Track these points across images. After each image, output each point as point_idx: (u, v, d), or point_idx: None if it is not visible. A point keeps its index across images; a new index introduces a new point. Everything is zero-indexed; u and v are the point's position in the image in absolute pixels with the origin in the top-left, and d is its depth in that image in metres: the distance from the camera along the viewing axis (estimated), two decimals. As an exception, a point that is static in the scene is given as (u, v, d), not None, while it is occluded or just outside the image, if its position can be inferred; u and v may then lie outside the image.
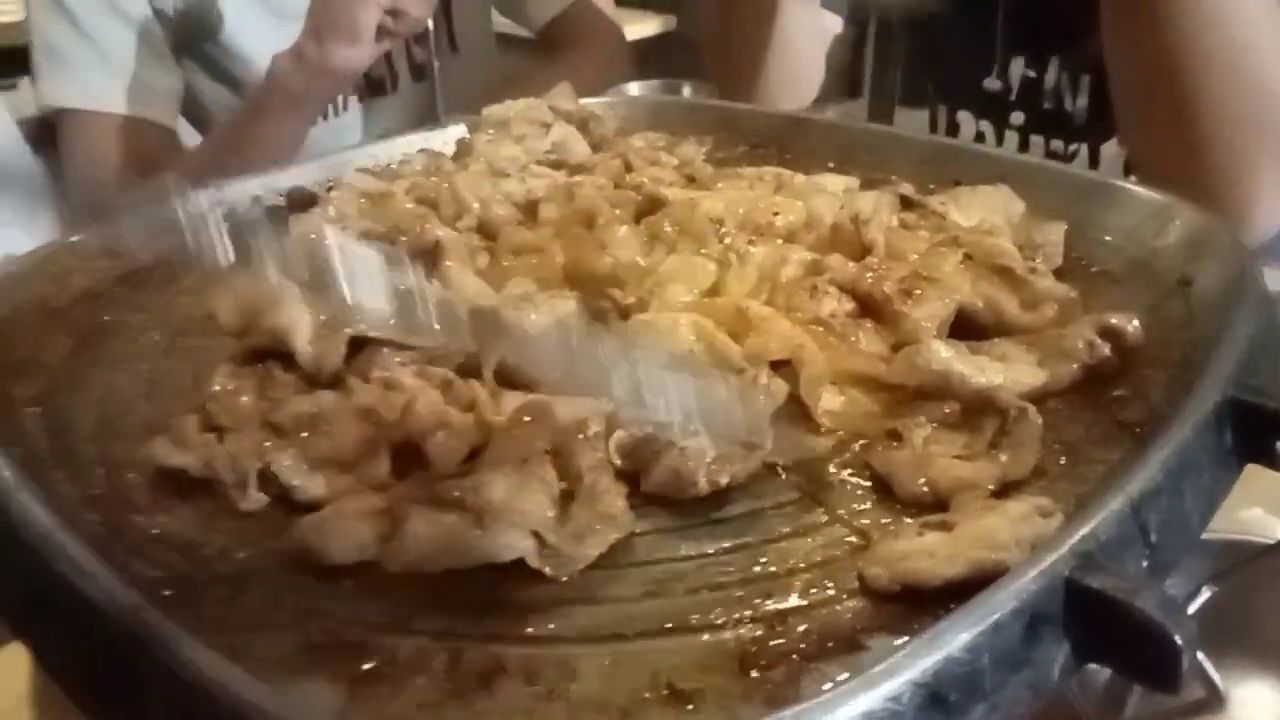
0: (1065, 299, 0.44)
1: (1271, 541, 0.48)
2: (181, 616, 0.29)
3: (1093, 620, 0.27)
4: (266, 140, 0.96)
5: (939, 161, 0.61)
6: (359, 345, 0.39)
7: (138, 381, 0.44)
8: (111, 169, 1.05)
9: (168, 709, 0.25)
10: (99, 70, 1.04)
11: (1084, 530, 0.29)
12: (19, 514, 0.31)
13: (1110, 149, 0.90)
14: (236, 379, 0.38)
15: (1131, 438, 0.37)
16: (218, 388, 0.38)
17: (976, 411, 0.38)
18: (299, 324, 0.38)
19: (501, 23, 1.30)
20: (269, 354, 0.40)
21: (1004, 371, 0.40)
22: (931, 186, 0.58)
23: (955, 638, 0.25)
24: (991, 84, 0.97)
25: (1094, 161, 0.92)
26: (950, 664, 0.25)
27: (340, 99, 1.13)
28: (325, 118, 1.12)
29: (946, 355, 0.39)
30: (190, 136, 1.16)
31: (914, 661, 0.25)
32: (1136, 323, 0.41)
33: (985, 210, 0.53)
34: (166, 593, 0.30)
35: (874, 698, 0.24)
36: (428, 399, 0.35)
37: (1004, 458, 0.36)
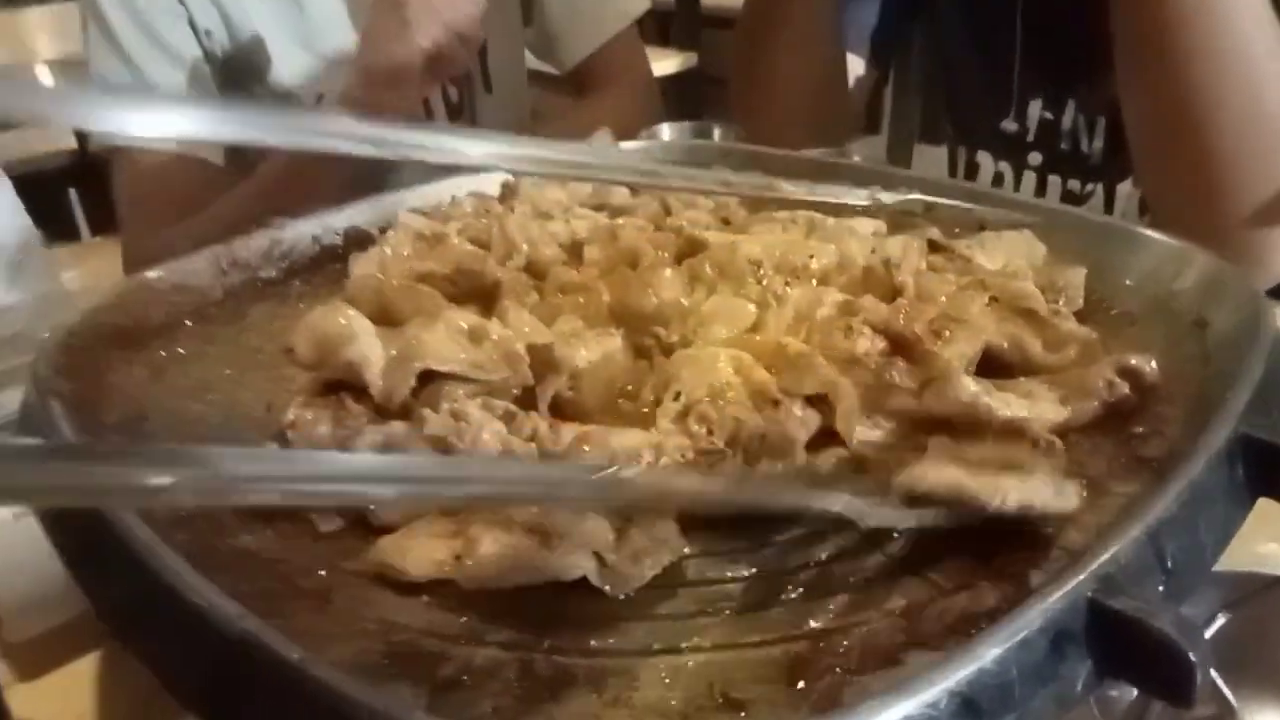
0: (1086, 340, 0.46)
1: (1285, 574, 0.50)
2: (273, 626, 0.32)
3: (1114, 639, 0.29)
4: (310, 178, 1.00)
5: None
6: (426, 378, 0.42)
7: (214, 410, 0.47)
8: (161, 204, 1.09)
9: (272, 707, 0.28)
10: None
11: (1105, 555, 0.31)
12: (123, 530, 0.34)
13: (1125, 189, 0.93)
14: (311, 409, 0.41)
15: (1150, 472, 0.39)
16: (293, 417, 0.41)
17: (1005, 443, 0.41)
18: (371, 358, 0.41)
19: (533, 59, 1.35)
20: (340, 386, 0.43)
21: (1028, 407, 0.42)
22: (957, 230, 0.61)
23: (987, 651, 0.28)
24: (1009, 125, 0.99)
25: (1109, 201, 0.95)
26: (983, 675, 0.27)
27: None
28: None
29: (975, 389, 0.42)
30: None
31: (950, 672, 0.27)
32: (1154, 363, 0.43)
33: (1009, 254, 0.56)
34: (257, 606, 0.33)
35: (914, 704, 0.26)
36: (492, 429, 0.38)
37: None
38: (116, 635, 0.33)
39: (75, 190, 2.69)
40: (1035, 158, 0.99)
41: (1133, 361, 0.43)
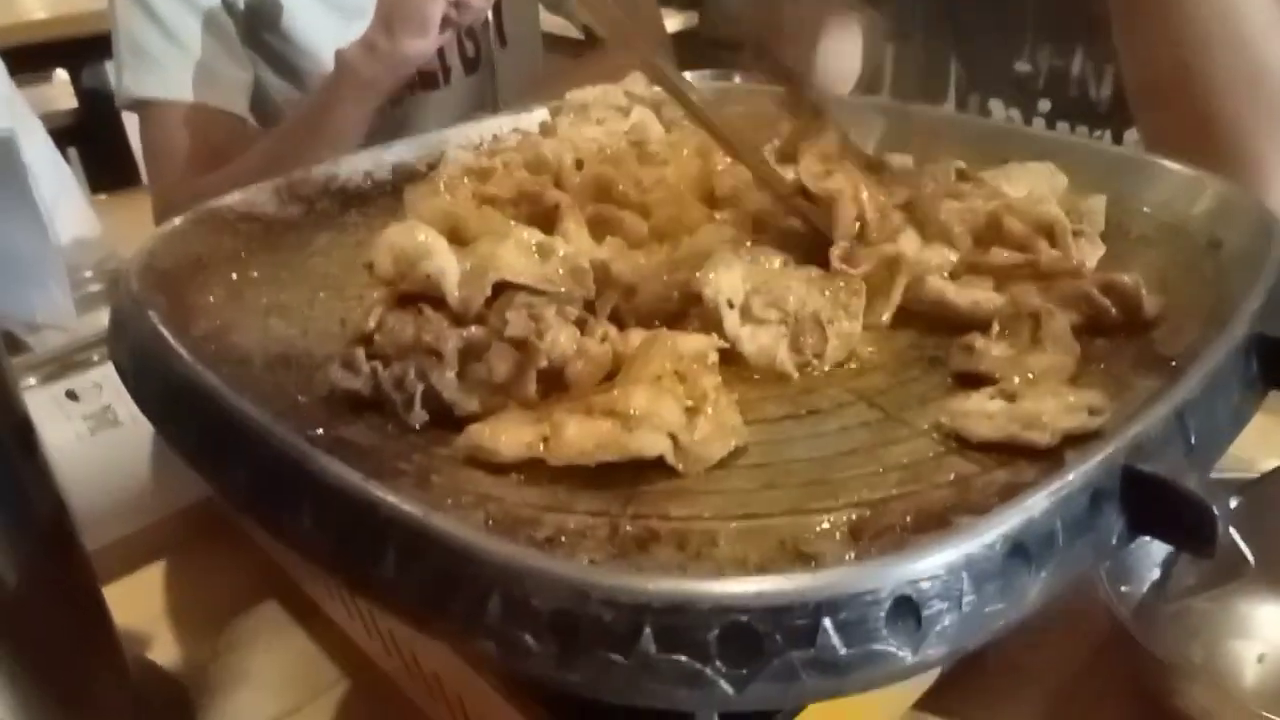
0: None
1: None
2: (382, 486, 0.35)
3: (1145, 498, 0.33)
4: (335, 127, 1.03)
5: (987, 141, 0.66)
6: (497, 290, 0.45)
7: (293, 325, 0.50)
8: (188, 155, 1.11)
9: (400, 558, 0.31)
10: (177, 62, 1.10)
11: (1137, 428, 0.34)
12: (243, 416, 0.37)
13: (1132, 135, 0.96)
14: (394, 316, 0.44)
15: (1170, 369, 0.42)
16: (377, 322, 0.44)
17: (1011, 318, 0.45)
18: (448, 271, 0.44)
19: (547, 22, 1.36)
20: (415, 299, 0.46)
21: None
22: (981, 163, 0.64)
23: (1038, 504, 0.31)
24: (1022, 66, 1.02)
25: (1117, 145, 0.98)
26: (1031, 524, 0.31)
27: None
28: (382, 110, 1.19)
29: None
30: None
31: (1004, 520, 0.31)
32: (1139, 281, 0.46)
33: (1032, 183, 0.59)
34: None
35: (974, 544, 0.30)
36: (568, 333, 0.41)
37: (1049, 347, 0.43)
38: (243, 512, 0.36)
39: (75, 149, 2.70)
40: (1044, 104, 1.01)
41: (1117, 278, 0.46)
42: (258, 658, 0.56)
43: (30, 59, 2.42)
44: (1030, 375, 0.42)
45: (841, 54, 1.06)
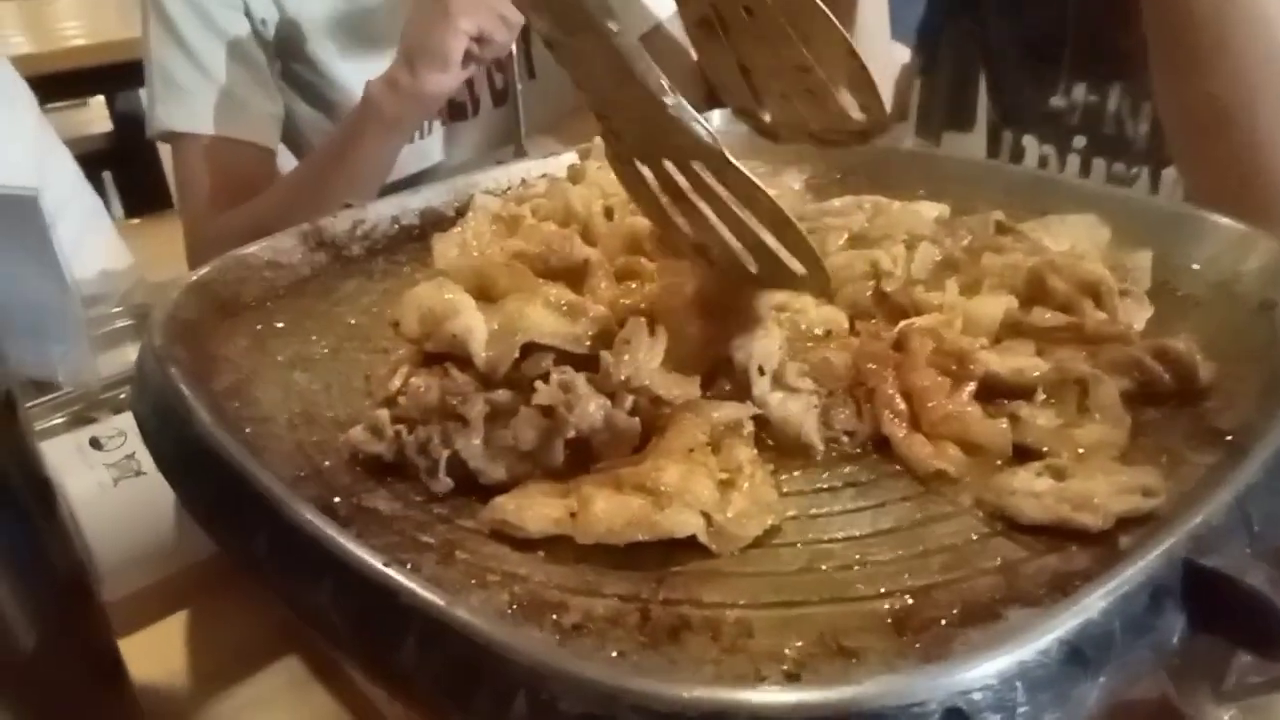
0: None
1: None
2: (405, 571, 0.34)
3: (1207, 594, 0.31)
4: (360, 162, 1.03)
5: (1027, 191, 0.65)
6: (525, 351, 0.44)
7: (317, 380, 0.49)
8: (215, 188, 1.11)
9: (419, 648, 0.30)
10: (206, 94, 1.11)
11: (1198, 518, 0.33)
12: (260, 485, 0.36)
13: (1170, 174, 0.94)
14: (419, 378, 0.43)
15: (1225, 445, 0.40)
16: (401, 384, 0.43)
17: (1057, 385, 0.43)
18: (476, 331, 0.43)
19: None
20: (440, 358, 0.45)
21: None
22: (1019, 214, 0.62)
23: (1095, 604, 0.29)
24: (1058, 102, 1.00)
25: (1155, 185, 0.96)
26: (1089, 625, 0.29)
27: (425, 123, 1.19)
28: (412, 140, 1.19)
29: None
30: (288, 161, 1.23)
31: (1060, 623, 0.29)
32: (1194, 346, 0.44)
33: (1074, 237, 0.57)
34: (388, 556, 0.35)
35: (1028, 650, 0.28)
36: (598, 402, 0.40)
37: (1098, 416, 0.41)
38: (259, 584, 0.35)
39: (110, 173, 2.73)
40: (1079, 141, 1.00)
41: (1170, 343, 0.44)
42: (278, 715, 0.55)
43: (67, 84, 2.45)
44: (1080, 450, 0.40)
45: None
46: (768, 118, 0.50)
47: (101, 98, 2.68)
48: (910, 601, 0.33)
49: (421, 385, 0.42)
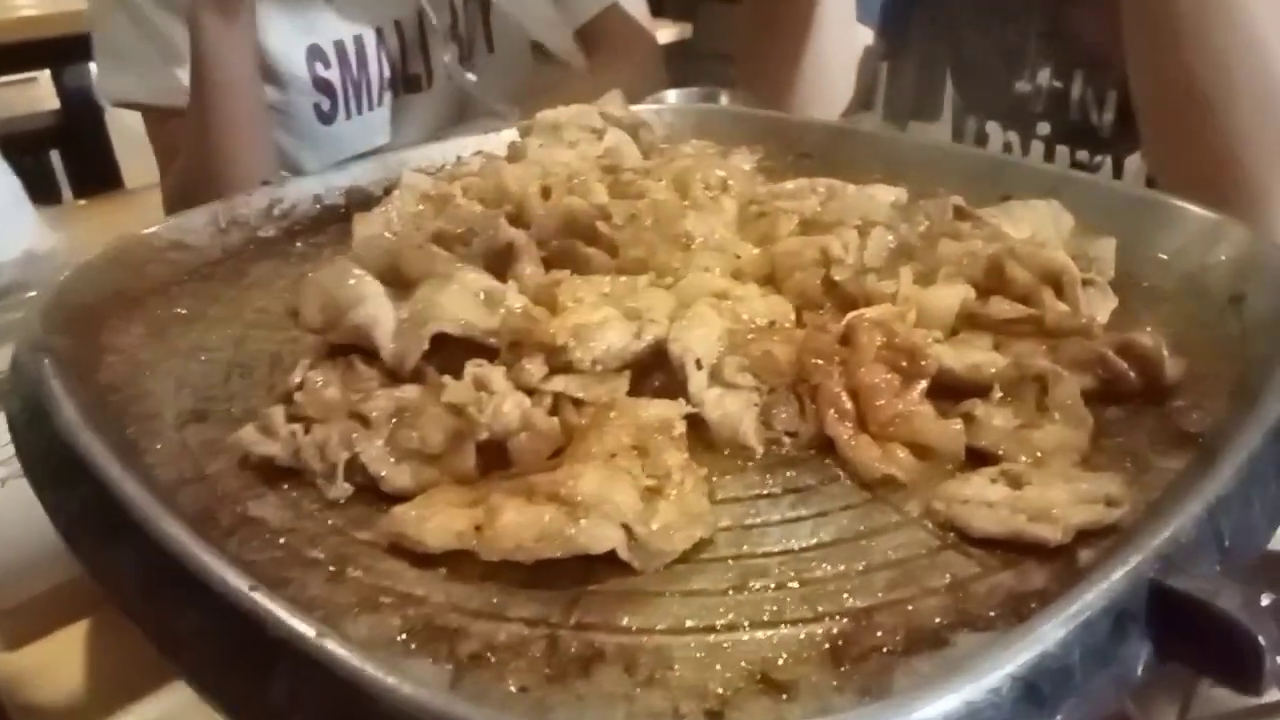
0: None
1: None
2: (286, 596, 0.30)
3: (1175, 620, 0.28)
4: (211, 63, 0.94)
5: (988, 175, 0.62)
6: (438, 343, 0.40)
7: (215, 370, 0.45)
8: (166, 162, 1.05)
9: (291, 686, 0.26)
10: (159, 65, 1.04)
11: (1165, 534, 0.30)
12: (124, 496, 0.32)
13: (1134, 163, 0.92)
14: (319, 372, 0.39)
15: (1195, 448, 0.37)
16: (300, 379, 0.39)
17: (1014, 382, 0.40)
18: (382, 321, 0.39)
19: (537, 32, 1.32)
20: (348, 349, 0.41)
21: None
22: (980, 199, 0.59)
23: (1050, 633, 0.26)
24: (1022, 86, 0.98)
25: (1118, 173, 0.94)
26: (1045, 659, 0.26)
27: (374, 94, 1.14)
28: (358, 112, 1.14)
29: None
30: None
31: (1012, 655, 0.26)
32: (1162, 342, 0.41)
33: (1036, 224, 0.54)
34: (269, 574, 0.31)
35: (976, 689, 0.25)
36: (515, 400, 0.36)
37: (1058, 416, 0.38)
38: (121, 610, 0.31)
39: (58, 151, 2.64)
40: (1044, 128, 0.97)
41: (1135, 338, 0.41)
42: (178, 734, 0.51)
43: (14, 58, 2.36)
44: (1038, 453, 0.37)
45: (833, 67, 1.01)
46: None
47: (49, 73, 2.58)
48: (850, 625, 0.30)
49: (320, 380, 0.38)
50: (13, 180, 1.05)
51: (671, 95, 0.97)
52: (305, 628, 0.26)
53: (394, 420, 0.37)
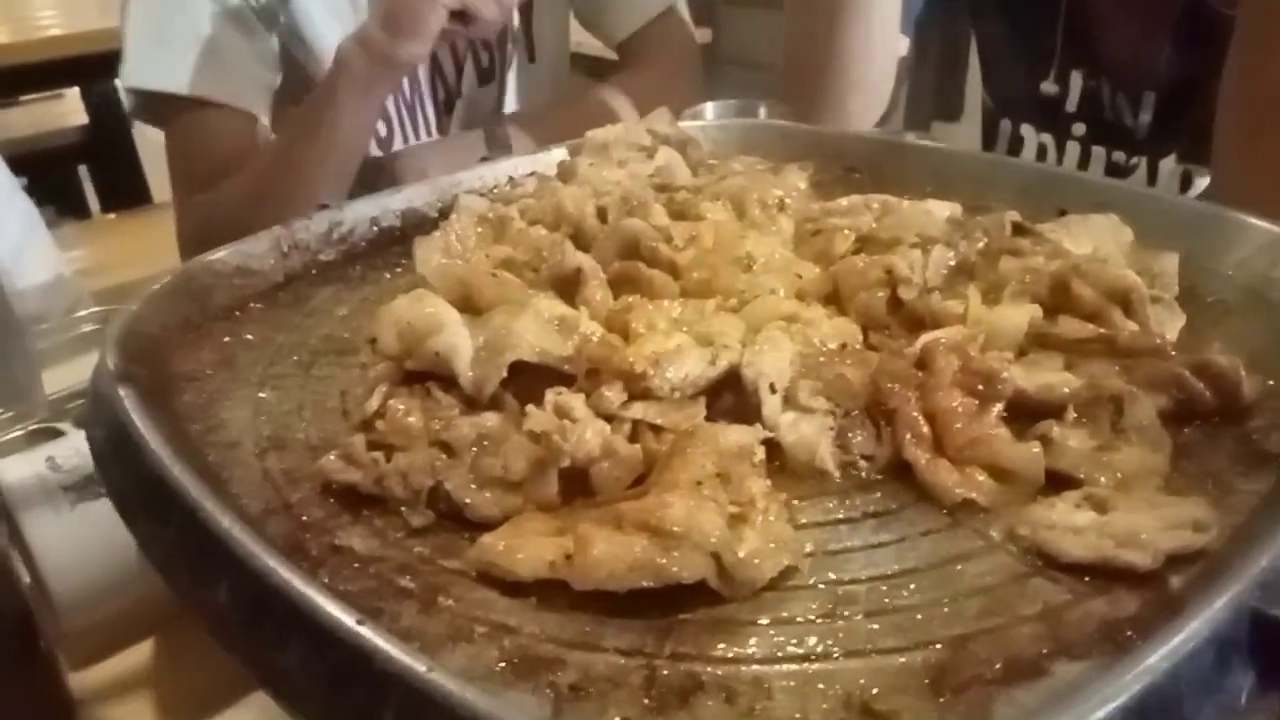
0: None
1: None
2: (382, 627, 0.30)
3: (1276, 648, 0.28)
4: (335, 126, 0.95)
5: (1041, 189, 0.61)
6: (513, 370, 0.40)
7: (287, 399, 0.46)
8: (209, 161, 1.04)
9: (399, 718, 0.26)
10: (191, 50, 1.01)
11: (1263, 561, 0.29)
12: (219, 529, 0.33)
13: (1169, 164, 0.92)
14: (398, 399, 0.40)
15: (1278, 468, 0.37)
16: (377, 406, 0.40)
17: (1088, 404, 0.40)
18: (460, 348, 0.40)
19: (576, 41, 1.32)
20: (421, 376, 0.42)
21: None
22: (1034, 214, 0.59)
23: (1157, 664, 0.26)
24: (1048, 88, 0.97)
25: (1152, 175, 0.94)
26: (1152, 690, 0.26)
27: (429, 116, 1.14)
28: (415, 136, 1.14)
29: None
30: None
31: (1120, 687, 0.26)
32: (1239, 364, 0.41)
33: (1096, 239, 0.54)
34: (364, 605, 0.32)
35: (1087, 721, 0.25)
36: (596, 428, 0.36)
37: (1135, 438, 0.38)
38: (219, 642, 0.31)
39: (86, 167, 2.67)
40: (1079, 129, 0.97)
41: (1212, 358, 0.41)
42: (247, 753, 0.51)
43: (42, 76, 2.39)
44: (1119, 476, 0.37)
45: (875, 73, 1.01)
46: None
47: (77, 89, 2.61)
48: (946, 654, 0.30)
49: (401, 408, 0.39)
50: (30, 205, 1.05)
51: (709, 108, 0.97)
52: (415, 662, 0.27)
53: (476, 448, 0.37)
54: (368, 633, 0.28)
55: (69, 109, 2.73)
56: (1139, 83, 0.91)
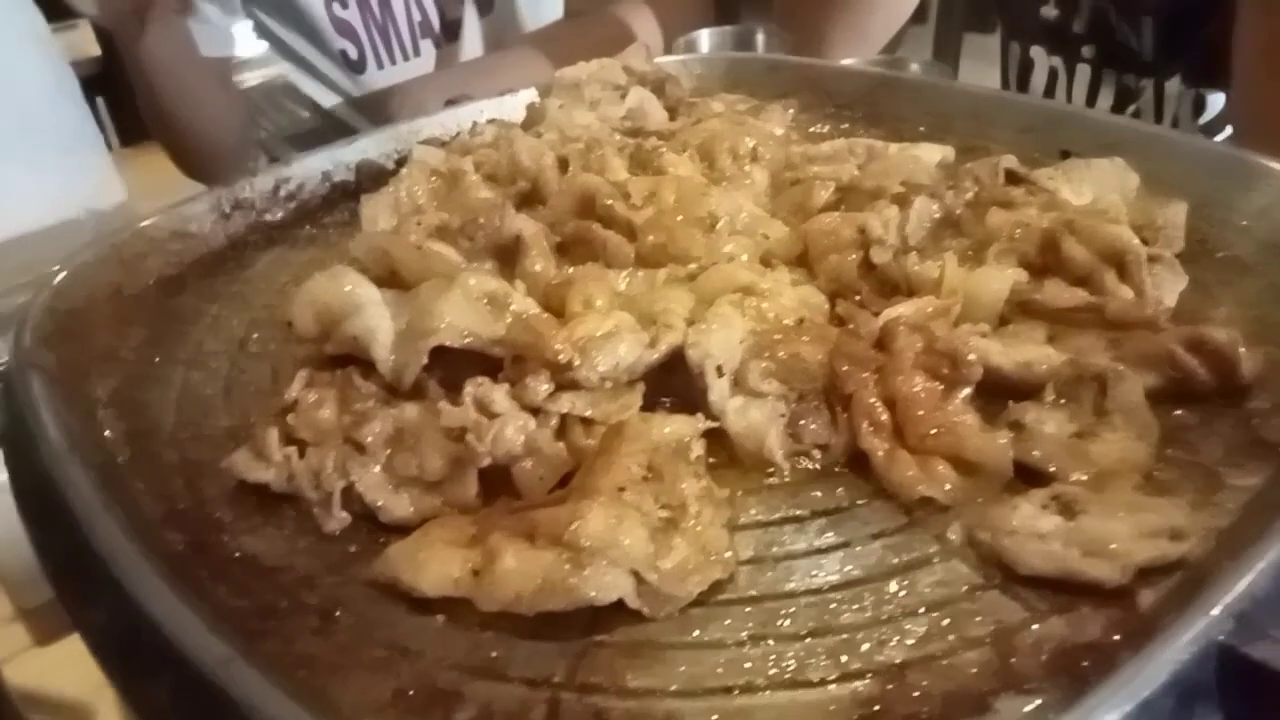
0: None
1: None
2: (270, 650, 0.28)
3: (1252, 693, 0.25)
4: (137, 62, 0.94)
5: (1043, 128, 0.56)
6: (442, 352, 0.37)
7: (215, 379, 0.43)
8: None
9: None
10: None
11: (1239, 587, 0.26)
12: (101, 546, 0.30)
13: (1174, 87, 0.87)
14: (315, 387, 0.37)
15: (1276, 461, 0.33)
16: (295, 397, 0.37)
17: (1071, 383, 0.36)
18: (379, 331, 0.36)
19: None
20: (348, 359, 0.39)
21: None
22: (1035, 155, 0.54)
23: (1104, 717, 0.23)
24: (1048, 12, 0.92)
25: (1159, 98, 0.88)
26: (1098, 748, 0.23)
27: (405, 41, 1.09)
28: (391, 61, 1.09)
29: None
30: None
31: (1060, 747, 0.23)
32: (1239, 339, 0.36)
33: (1098, 186, 0.49)
34: (255, 626, 0.29)
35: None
36: (518, 424, 0.33)
37: (1119, 422, 0.35)
38: (105, 673, 0.29)
39: (103, 99, 2.62)
40: (1088, 51, 0.92)
41: (1208, 332, 0.37)
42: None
43: (53, 4, 2.33)
44: (1095, 470, 0.33)
45: None
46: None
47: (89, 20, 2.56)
48: (879, 687, 0.27)
49: (314, 398, 0.36)
50: (94, 131, 1.02)
51: (704, 35, 0.92)
52: (279, 710, 0.24)
53: (392, 444, 0.35)
54: (235, 674, 0.25)
55: (83, 39, 2.68)
56: (1138, 6, 0.85)
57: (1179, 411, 0.37)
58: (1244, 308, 0.42)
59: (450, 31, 1.12)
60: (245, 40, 1.08)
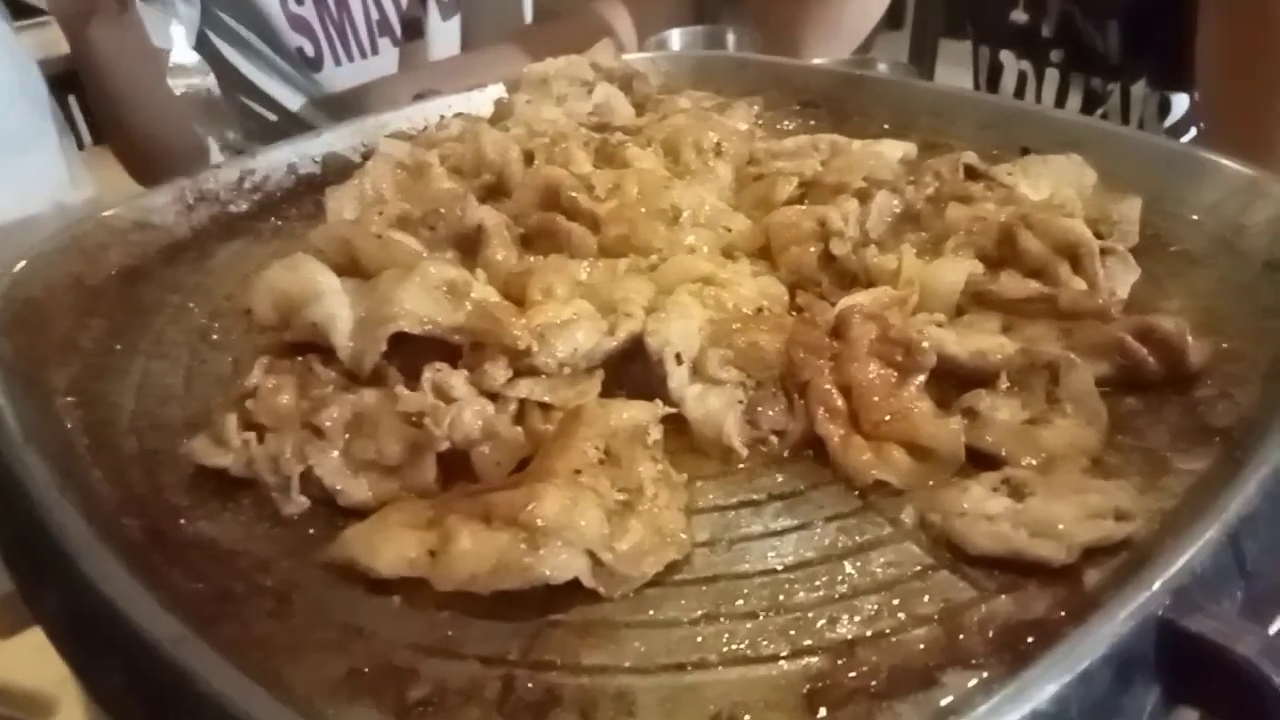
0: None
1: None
2: (226, 633, 0.28)
3: (1189, 664, 0.25)
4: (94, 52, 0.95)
5: (1004, 125, 0.57)
6: (402, 337, 0.37)
7: (176, 369, 0.43)
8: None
9: (214, 747, 0.24)
10: None
11: (1179, 563, 0.27)
12: (56, 529, 0.30)
13: (1140, 90, 0.88)
14: (275, 373, 0.37)
15: (1221, 446, 0.34)
16: (255, 383, 0.37)
17: (1023, 371, 0.37)
18: (339, 319, 0.37)
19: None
20: (308, 346, 0.39)
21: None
22: (995, 152, 0.55)
23: (1043, 689, 0.24)
24: (1018, 16, 0.94)
25: (1125, 101, 0.90)
26: (1038, 718, 0.23)
27: (362, 39, 1.09)
28: (349, 59, 1.08)
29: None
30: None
31: (999, 715, 0.23)
32: (1186, 329, 0.37)
33: (1056, 182, 0.50)
34: (211, 609, 0.29)
35: (959, 757, 0.22)
36: (475, 409, 0.34)
37: (1069, 409, 0.35)
38: (61, 655, 0.29)
39: (74, 96, 2.60)
40: (1057, 55, 0.93)
41: (1156, 322, 0.38)
42: None
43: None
44: (1045, 455, 0.34)
45: None
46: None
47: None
48: (828, 663, 0.27)
49: (273, 384, 0.36)
50: (51, 127, 1.01)
51: (675, 35, 0.92)
52: (231, 687, 0.24)
53: (351, 429, 0.35)
54: (186, 653, 0.25)
55: (55, 36, 2.65)
56: (1103, 10, 0.87)
57: (1129, 399, 0.37)
58: (1194, 299, 0.43)
59: (410, 30, 1.12)
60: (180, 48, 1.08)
